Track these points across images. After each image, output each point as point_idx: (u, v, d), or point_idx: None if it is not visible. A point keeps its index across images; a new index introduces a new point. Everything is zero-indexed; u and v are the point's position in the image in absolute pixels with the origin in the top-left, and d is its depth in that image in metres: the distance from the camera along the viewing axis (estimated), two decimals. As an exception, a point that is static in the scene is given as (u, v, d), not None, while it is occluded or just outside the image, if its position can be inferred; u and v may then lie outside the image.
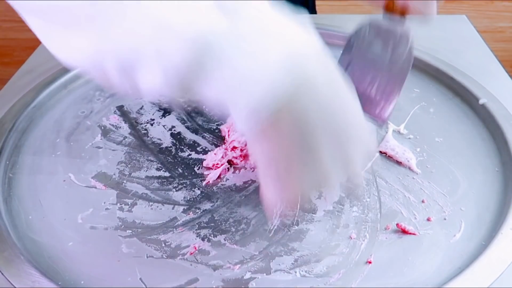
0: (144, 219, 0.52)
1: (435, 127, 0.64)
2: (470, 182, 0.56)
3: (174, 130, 0.65)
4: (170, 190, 0.56)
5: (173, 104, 0.67)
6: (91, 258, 0.48)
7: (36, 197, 0.55)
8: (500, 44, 1.61)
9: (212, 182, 0.57)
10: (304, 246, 0.49)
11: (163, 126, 0.66)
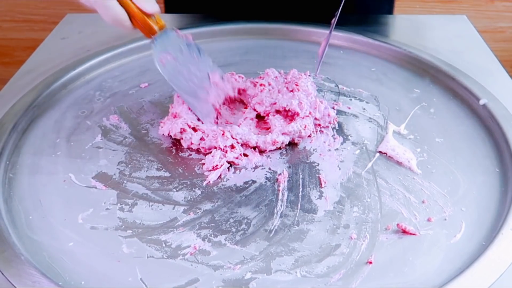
0: (144, 219, 0.52)
1: (436, 127, 0.64)
2: (470, 182, 0.56)
3: (174, 130, 0.65)
4: (170, 190, 0.56)
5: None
6: (91, 258, 0.48)
7: (36, 197, 0.55)
8: (500, 44, 1.60)
9: (212, 182, 0.57)
10: (305, 247, 0.49)
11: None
